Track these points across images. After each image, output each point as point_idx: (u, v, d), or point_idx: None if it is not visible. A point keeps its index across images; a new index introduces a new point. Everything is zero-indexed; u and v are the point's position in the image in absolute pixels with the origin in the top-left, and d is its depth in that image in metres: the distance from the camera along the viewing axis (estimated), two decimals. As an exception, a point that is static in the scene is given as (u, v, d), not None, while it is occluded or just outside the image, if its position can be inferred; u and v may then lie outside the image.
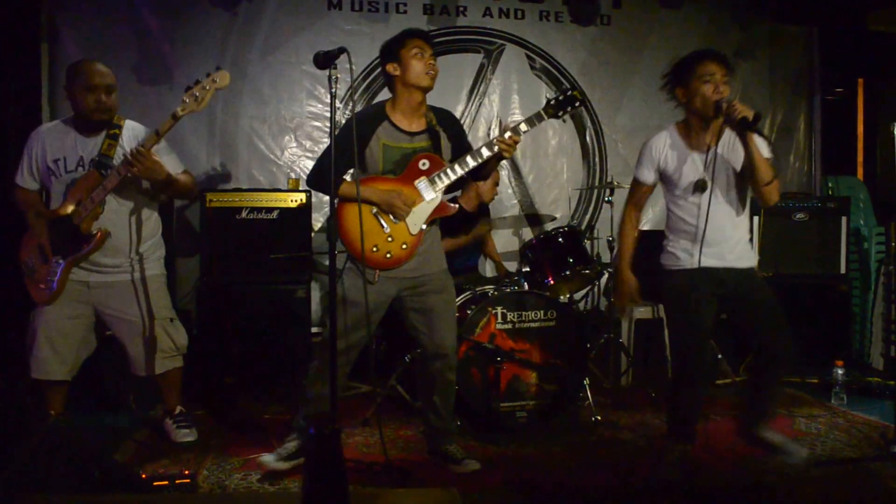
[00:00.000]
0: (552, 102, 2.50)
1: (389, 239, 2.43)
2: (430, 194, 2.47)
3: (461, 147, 2.58)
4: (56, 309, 2.67)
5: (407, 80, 2.45)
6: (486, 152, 2.45)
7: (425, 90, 2.48)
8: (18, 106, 3.77)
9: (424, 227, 2.49)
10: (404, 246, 2.45)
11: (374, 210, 2.44)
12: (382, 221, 2.45)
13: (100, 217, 2.64)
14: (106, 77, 2.68)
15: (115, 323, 2.76)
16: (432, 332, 2.52)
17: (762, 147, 2.40)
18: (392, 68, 2.46)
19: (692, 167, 2.47)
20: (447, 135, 2.56)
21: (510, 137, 2.40)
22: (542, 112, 2.47)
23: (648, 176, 2.57)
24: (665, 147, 2.53)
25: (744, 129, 2.31)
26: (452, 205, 2.56)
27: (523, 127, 2.42)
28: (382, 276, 2.45)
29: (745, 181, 2.47)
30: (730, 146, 2.46)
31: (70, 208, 2.63)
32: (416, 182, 2.47)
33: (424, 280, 2.51)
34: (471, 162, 2.46)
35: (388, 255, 2.43)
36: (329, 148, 2.42)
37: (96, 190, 2.60)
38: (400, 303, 2.54)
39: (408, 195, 2.45)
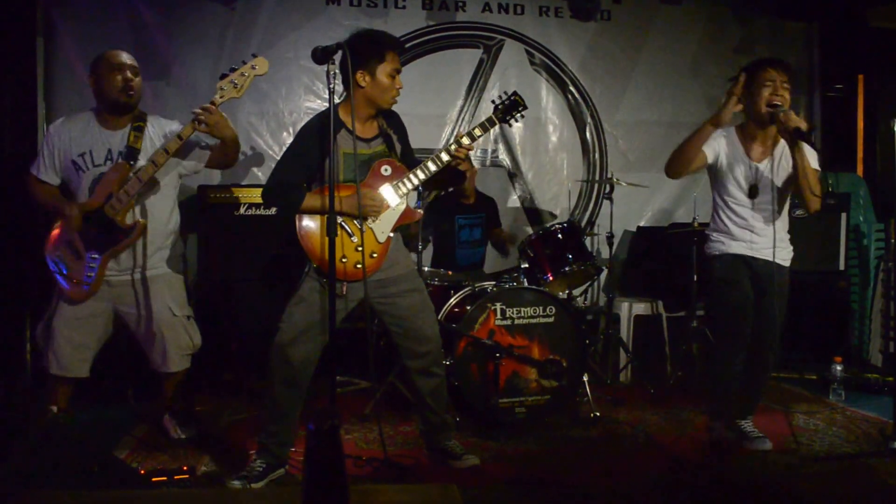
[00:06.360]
0: (499, 107, 2.56)
1: (358, 248, 2.38)
2: (395, 200, 2.46)
3: (406, 150, 2.58)
4: (79, 307, 2.65)
5: (372, 98, 2.40)
6: (445, 157, 2.46)
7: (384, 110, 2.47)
8: (14, 102, 3.75)
9: (391, 234, 2.47)
10: (374, 255, 2.42)
11: (341, 219, 2.36)
12: (350, 230, 2.39)
13: (131, 210, 2.62)
14: (131, 59, 2.70)
15: (135, 320, 2.74)
16: (410, 333, 2.50)
17: (812, 159, 2.59)
18: (361, 77, 2.35)
19: (744, 172, 2.69)
20: (397, 137, 2.54)
21: (467, 145, 2.46)
22: (493, 117, 2.55)
23: (710, 153, 2.72)
24: (724, 144, 2.73)
25: (796, 138, 2.50)
26: (418, 210, 2.55)
27: (477, 132, 2.50)
28: (348, 284, 2.41)
29: (787, 190, 2.71)
30: (780, 159, 2.68)
31: (100, 201, 2.59)
32: (381, 189, 2.45)
33: (391, 282, 2.48)
34: (432, 167, 2.46)
35: (358, 266, 2.37)
36: (285, 159, 2.42)
37: (129, 182, 2.57)
38: (372, 306, 2.49)
39: (375, 196, 2.43)
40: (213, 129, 2.54)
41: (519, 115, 2.58)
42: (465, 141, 2.47)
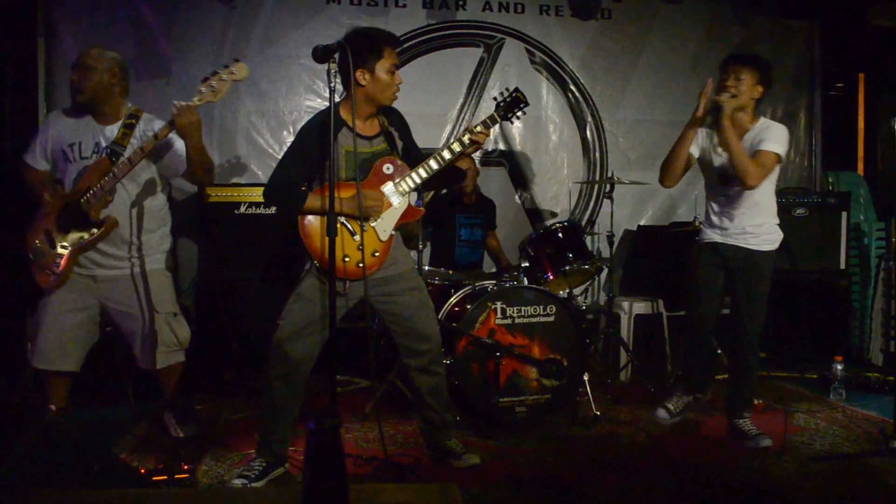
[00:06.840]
0: (501, 104, 2.55)
1: (360, 247, 2.38)
2: (397, 199, 2.45)
3: (410, 146, 2.58)
4: (61, 300, 2.65)
5: (373, 96, 2.39)
6: (447, 155, 2.46)
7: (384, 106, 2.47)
8: (16, 101, 3.75)
9: (393, 232, 2.47)
10: (375, 253, 2.42)
11: (343, 219, 2.36)
12: (352, 229, 2.39)
13: (109, 206, 2.63)
14: (83, 57, 2.67)
15: (120, 317, 2.74)
16: (410, 331, 2.50)
17: (775, 142, 2.73)
18: (361, 76, 2.35)
19: (719, 162, 2.86)
20: (398, 135, 2.54)
21: (470, 139, 2.44)
22: (495, 114, 2.54)
23: (695, 149, 2.90)
24: (703, 136, 2.91)
25: (717, 116, 2.74)
26: (420, 208, 2.54)
27: (479, 129, 2.49)
28: (350, 282, 2.41)
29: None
30: (749, 148, 2.77)
31: (79, 194, 2.60)
32: (382, 187, 2.44)
33: (391, 280, 2.48)
34: (434, 165, 2.46)
35: (360, 265, 2.36)
36: (286, 159, 2.42)
37: (107, 178, 2.59)
38: (371, 304, 2.48)
39: (376, 196, 2.42)
40: (183, 130, 2.53)
41: (521, 112, 2.56)
42: (466, 138, 2.46)
